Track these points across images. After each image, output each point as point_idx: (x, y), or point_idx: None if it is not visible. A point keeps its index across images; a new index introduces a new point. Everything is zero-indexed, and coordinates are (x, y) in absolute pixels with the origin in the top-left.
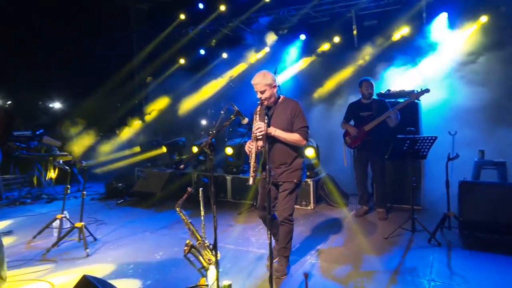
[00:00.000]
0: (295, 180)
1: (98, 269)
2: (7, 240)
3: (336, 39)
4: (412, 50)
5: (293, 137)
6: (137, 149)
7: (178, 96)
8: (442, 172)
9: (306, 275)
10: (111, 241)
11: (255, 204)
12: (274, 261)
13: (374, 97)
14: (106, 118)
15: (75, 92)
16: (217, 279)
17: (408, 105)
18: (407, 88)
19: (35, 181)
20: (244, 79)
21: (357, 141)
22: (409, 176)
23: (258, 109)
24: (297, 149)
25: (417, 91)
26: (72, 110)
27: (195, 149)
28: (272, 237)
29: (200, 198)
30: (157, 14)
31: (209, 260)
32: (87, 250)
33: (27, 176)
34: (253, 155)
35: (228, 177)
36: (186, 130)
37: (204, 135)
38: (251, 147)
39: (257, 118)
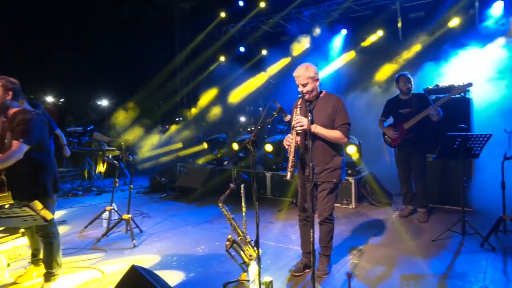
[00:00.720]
0: (334, 180)
1: (145, 259)
2: (61, 229)
3: (380, 33)
4: (463, 42)
5: (334, 134)
6: (179, 145)
7: (219, 93)
8: (496, 172)
9: (350, 276)
10: (155, 233)
11: (295, 201)
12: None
13: (414, 91)
14: (150, 116)
15: (121, 91)
16: (259, 275)
17: (458, 100)
18: (457, 82)
19: (86, 174)
20: (284, 75)
21: (397, 140)
22: (457, 175)
23: (299, 102)
24: (337, 147)
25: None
26: (118, 107)
27: (235, 146)
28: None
29: (242, 194)
30: (199, 13)
31: (250, 255)
32: (134, 241)
33: (78, 169)
34: (292, 149)
35: (268, 174)
36: (225, 127)
37: (243, 132)
38: (290, 141)
39: (298, 112)
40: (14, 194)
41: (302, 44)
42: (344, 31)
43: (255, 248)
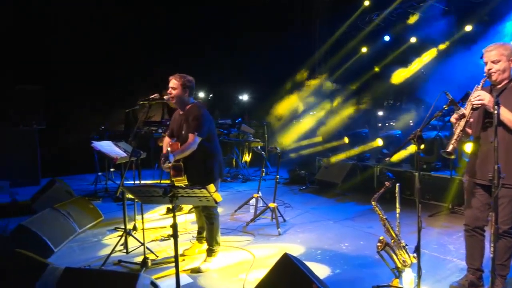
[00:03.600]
0: None
1: (290, 248)
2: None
3: None
4: None
5: None
6: (319, 138)
7: (359, 86)
8: None
9: None
10: (297, 224)
11: (451, 207)
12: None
13: None
14: (287, 109)
15: (261, 86)
16: (419, 286)
17: None
18: None
19: (233, 163)
20: (438, 65)
21: None
22: None
23: (480, 86)
24: None
25: None
26: (258, 102)
27: (379, 142)
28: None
29: (396, 194)
30: (339, 4)
31: (404, 261)
32: (279, 229)
33: (227, 158)
34: (462, 123)
35: (417, 174)
36: (363, 122)
37: (387, 127)
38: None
39: (478, 88)
40: (188, 177)
41: (461, 29)
42: None
43: (414, 254)
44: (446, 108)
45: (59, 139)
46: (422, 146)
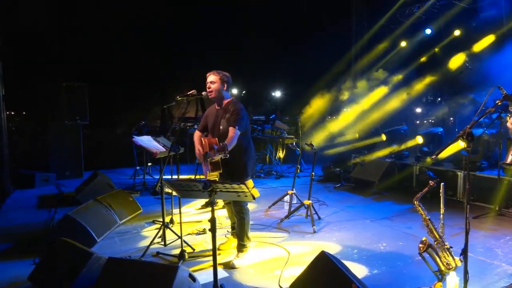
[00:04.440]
0: None
1: (325, 246)
2: (250, 206)
3: None
4: None
5: None
6: (355, 135)
7: (399, 82)
8: None
9: None
10: (333, 222)
11: (499, 209)
12: None
13: None
14: (320, 107)
15: (295, 83)
16: None
17: None
18: None
19: (267, 159)
20: (486, 59)
21: None
22: None
23: None
24: None
25: None
26: (291, 99)
27: (419, 139)
28: None
29: (441, 194)
30: None
31: (447, 264)
32: (314, 227)
33: (260, 154)
34: None
35: (460, 173)
36: (400, 118)
37: (426, 124)
38: None
39: None
40: (222, 172)
41: (510, 20)
42: None
43: (460, 257)
44: (499, 103)
45: (100, 134)
46: (464, 146)
